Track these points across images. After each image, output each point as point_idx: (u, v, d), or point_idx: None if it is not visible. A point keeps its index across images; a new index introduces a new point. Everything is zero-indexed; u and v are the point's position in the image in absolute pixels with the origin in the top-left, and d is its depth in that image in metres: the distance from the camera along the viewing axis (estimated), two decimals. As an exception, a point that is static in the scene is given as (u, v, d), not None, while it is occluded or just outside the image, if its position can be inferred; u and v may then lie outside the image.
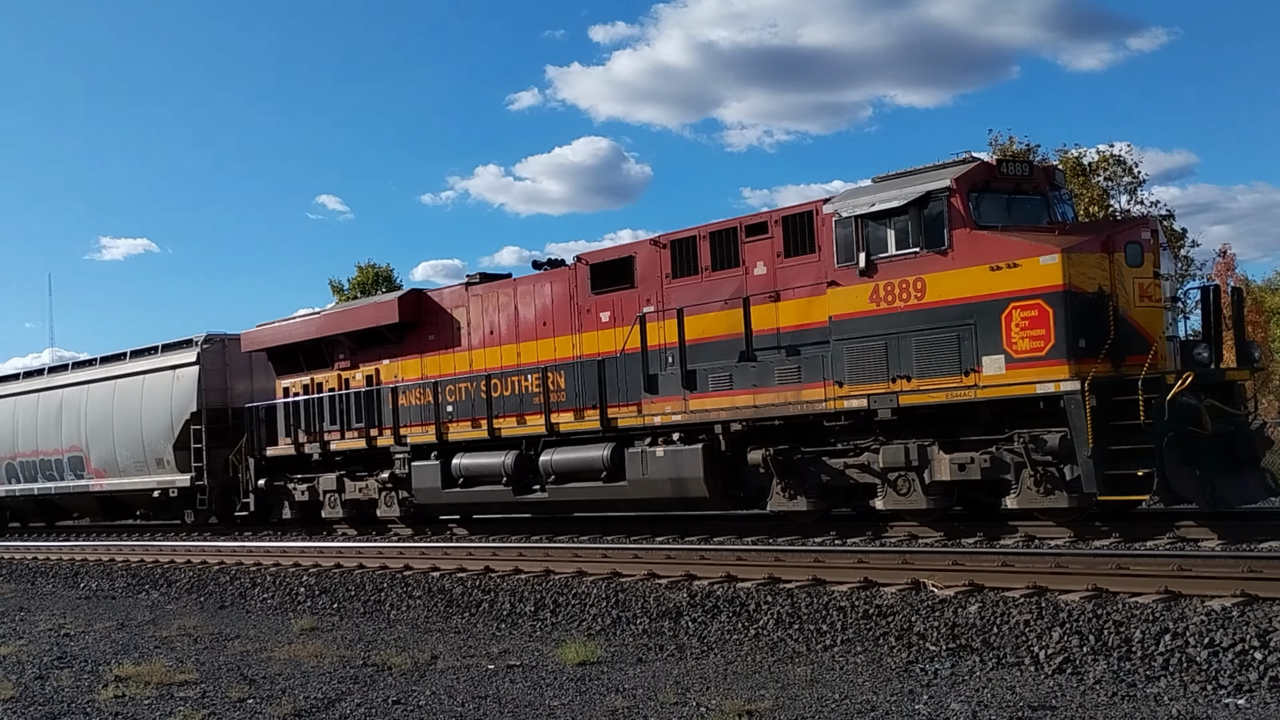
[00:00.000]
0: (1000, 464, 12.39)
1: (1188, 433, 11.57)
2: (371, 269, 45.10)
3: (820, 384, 13.60)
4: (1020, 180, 13.20)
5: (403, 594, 12.99)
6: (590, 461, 15.89)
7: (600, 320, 16.15)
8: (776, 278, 14.23)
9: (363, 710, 7.73)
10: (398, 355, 19.09)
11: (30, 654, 10.98)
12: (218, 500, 22.85)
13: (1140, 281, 12.30)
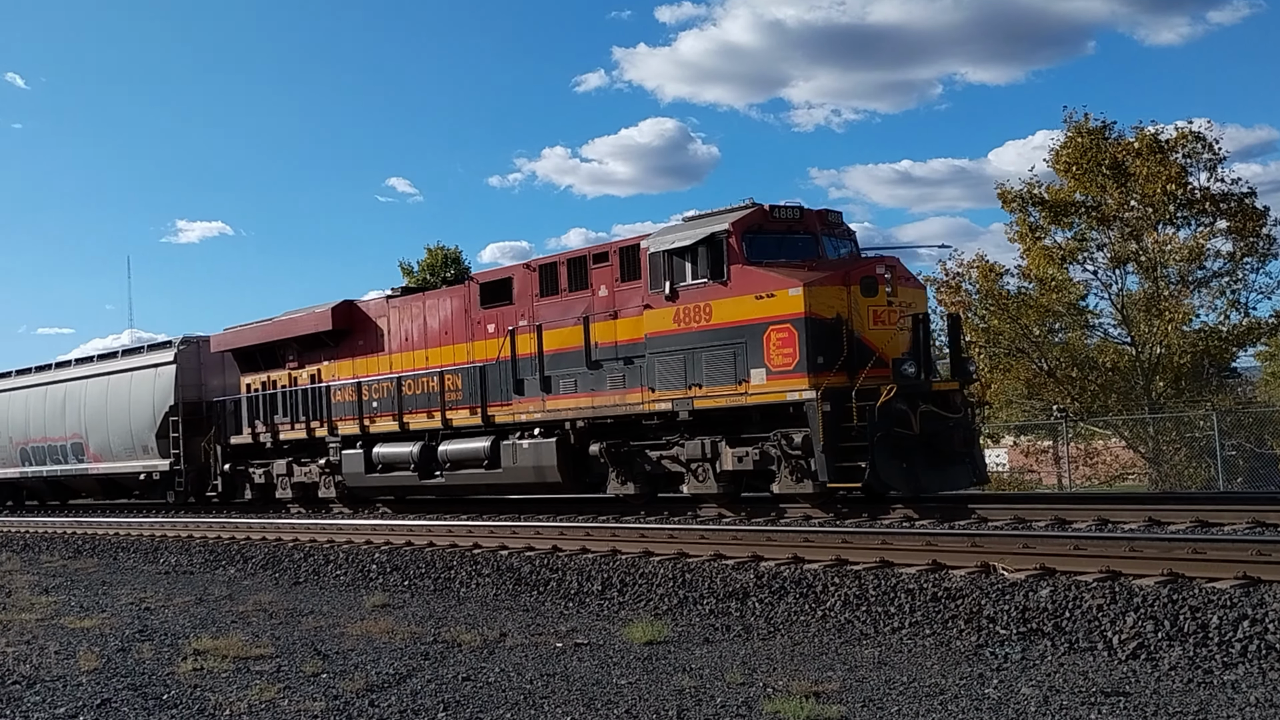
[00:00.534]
0: (767, 457, 14.77)
1: (895, 433, 13.82)
2: (440, 251, 45.44)
3: (639, 390, 16.05)
4: (791, 223, 15.54)
5: (472, 572, 13.15)
6: (475, 452, 18.44)
7: (487, 331, 18.61)
8: (615, 299, 16.54)
9: (434, 686, 7.84)
10: (334, 357, 21.77)
11: (113, 627, 11.29)
12: (194, 483, 25.48)
13: (874, 309, 14.55)
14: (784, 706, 6.69)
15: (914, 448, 14.12)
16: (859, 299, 14.43)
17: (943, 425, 14.54)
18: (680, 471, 15.97)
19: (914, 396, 14.24)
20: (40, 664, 9.29)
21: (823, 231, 15.75)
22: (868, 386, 13.76)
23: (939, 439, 14.47)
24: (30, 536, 22.53)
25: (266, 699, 7.57)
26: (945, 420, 14.60)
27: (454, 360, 19.10)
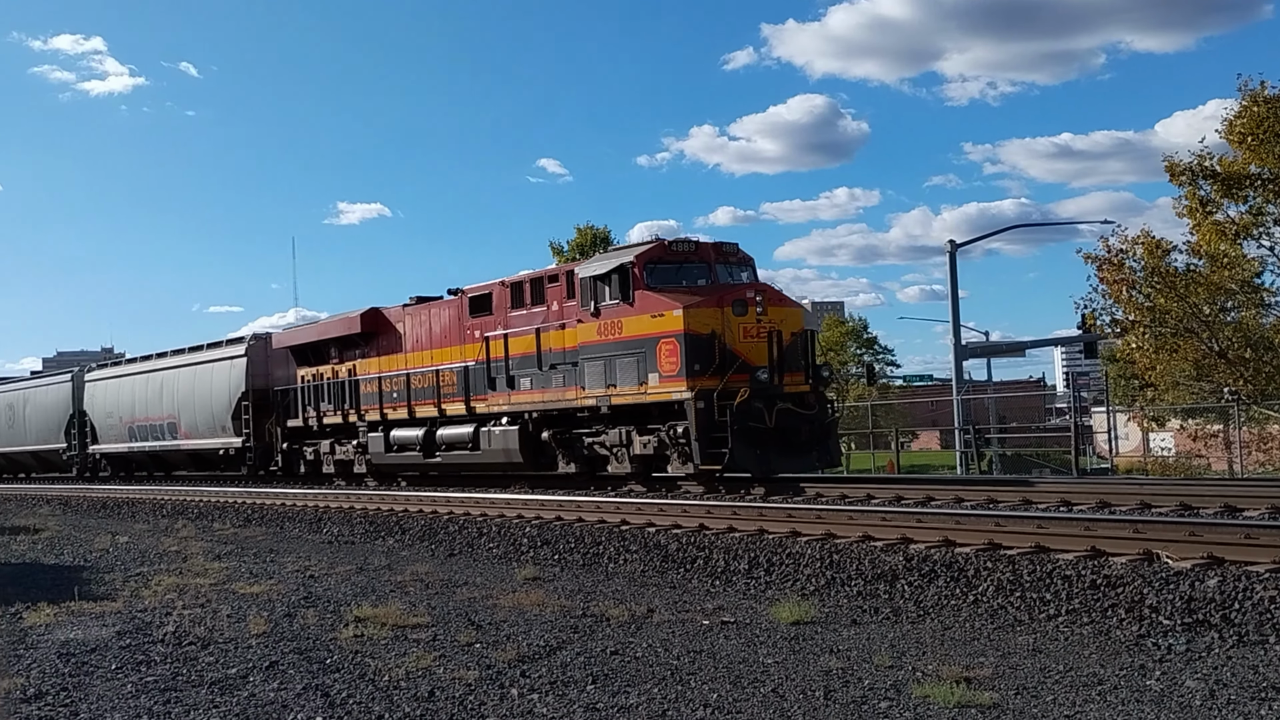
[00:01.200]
0: (663, 443, 17.94)
1: (750, 426, 16.68)
2: (590, 230, 45.92)
3: (575, 388, 19.23)
4: (687, 254, 18.71)
5: (620, 548, 13.31)
6: (461, 436, 22.09)
7: (474, 337, 21.89)
8: (562, 314, 19.69)
9: (582, 659, 7.99)
10: (365, 356, 25.64)
11: (280, 593, 11.83)
12: (260, 458, 29.54)
13: (744, 326, 17.43)
14: (934, 691, 6.60)
15: (768, 438, 16.96)
16: (731, 318, 17.41)
17: (795, 420, 17.38)
18: (605, 455, 19.39)
19: (771, 397, 17.13)
20: (214, 627, 9.81)
21: (717, 260, 18.84)
22: (732, 389, 16.84)
23: (790, 431, 17.26)
24: (205, 506, 23.74)
25: (423, 666, 7.83)
26: (798, 416, 17.48)
27: (449, 360, 22.62)
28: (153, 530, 20.99)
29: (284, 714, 6.73)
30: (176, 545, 17.55)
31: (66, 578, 14.02)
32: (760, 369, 17.21)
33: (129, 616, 10.59)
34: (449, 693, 7.09)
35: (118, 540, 18.87)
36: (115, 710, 6.97)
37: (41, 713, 6.98)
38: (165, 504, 25.05)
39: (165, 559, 15.73)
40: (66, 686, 7.67)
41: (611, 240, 45.75)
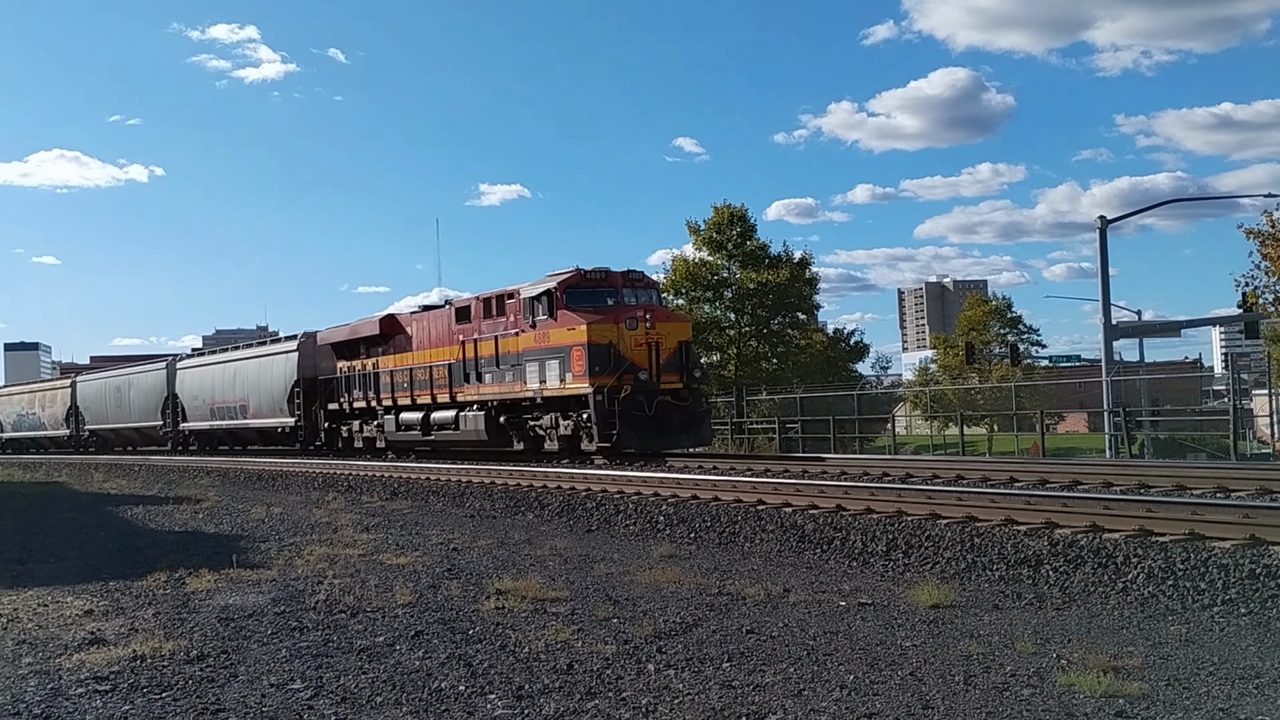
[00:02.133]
0: (578, 426, 23.03)
1: (632, 414, 21.84)
2: (726, 209, 45.80)
3: (520, 383, 24.37)
4: (599, 280, 23.61)
5: (756, 527, 13.29)
6: (447, 419, 27.08)
7: (458, 340, 26.79)
8: (516, 324, 24.65)
9: (718, 637, 8.02)
10: (384, 353, 30.79)
11: (424, 565, 12.18)
12: (309, 435, 35.11)
13: (635, 337, 22.39)
14: (1079, 679, 6.43)
15: (648, 423, 22.13)
16: (624, 332, 22.37)
17: (670, 409, 22.53)
18: (543, 434, 24.48)
19: (650, 392, 22.24)
20: (362, 596, 10.16)
21: (624, 285, 23.87)
22: (622, 386, 22.01)
23: (666, 418, 22.41)
24: (354, 479, 24.56)
25: (562, 640, 7.97)
26: (673, 406, 22.63)
27: (442, 358, 27.54)
28: (305, 502, 21.82)
29: (428, 682, 6.94)
30: (327, 516, 18.21)
31: (225, 546, 14.70)
32: (641, 371, 22.27)
33: (283, 584, 11.05)
34: (587, 666, 7.21)
35: (272, 511, 19.68)
36: (271, 674, 7.30)
37: (203, 673, 7.35)
38: (316, 477, 25.99)
39: (317, 530, 16.34)
40: (226, 649, 8.06)
41: (749, 218, 45.62)
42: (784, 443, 34.81)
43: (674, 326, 23.48)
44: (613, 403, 21.75)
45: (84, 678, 7.29)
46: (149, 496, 25.65)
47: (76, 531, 18.13)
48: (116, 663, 7.67)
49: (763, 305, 45.29)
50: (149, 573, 12.16)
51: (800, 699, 6.38)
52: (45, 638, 8.76)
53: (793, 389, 38.93)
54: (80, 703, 6.68)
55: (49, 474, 39.49)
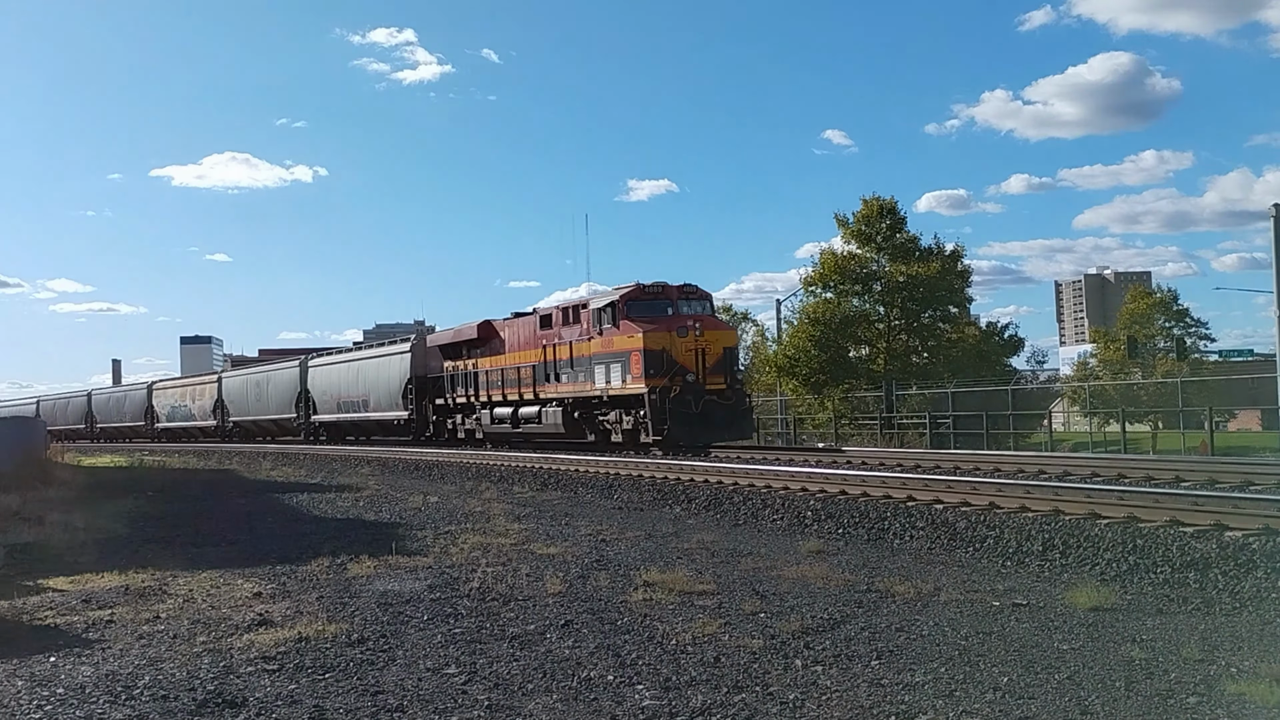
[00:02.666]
0: (637, 421, 25.99)
1: (681, 411, 24.58)
2: (876, 202, 45.10)
3: (590, 383, 27.45)
4: (656, 294, 26.69)
5: (905, 524, 13.09)
6: (532, 414, 30.42)
7: (542, 344, 30.06)
8: (587, 331, 27.83)
9: (866, 634, 7.94)
10: (481, 355, 34.41)
11: (574, 555, 12.37)
12: (420, 426, 38.92)
13: (685, 344, 25.25)
14: (1250, 689, 6.15)
15: (694, 419, 24.88)
16: (676, 339, 25.37)
17: (714, 407, 25.17)
18: (610, 429, 27.47)
19: (697, 392, 25.03)
20: (514, 585, 10.38)
21: (679, 297, 26.86)
22: (680, 387, 24.98)
23: (710, 415, 25.10)
24: (506, 470, 25.08)
25: (708, 633, 8.00)
26: (716, 404, 25.27)
27: (528, 360, 30.94)
28: (459, 492, 22.38)
29: (578, 671, 7.06)
30: (480, 506, 18.65)
31: (384, 533, 15.21)
32: (690, 373, 25.29)
33: (439, 571, 11.38)
34: (733, 660, 7.23)
35: (428, 500, 20.25)
36: (427, 658, 7.53)
37: (364, 655, 7.63)
38: (470, 467, 26.64)
39: (470, 519, 16.75)
40: (385, 633, 8.35)
41: (898, 211, 44.87)
42: (935, 438, 34.13)
43: (720, 334, 26.68)
44: (664, 401, 24.84)
45: (253, 657, 7.65)
46: (313, 484, 26.70)
47: (246, 517, 19.00)
48: (283, 644, 8.03)
49: (913, 299, 44.42)
50: (313, 558, 12.68)
51: (952, 699, 6.27)
52: (218, 618, 9.22)
53: (944, 384, 38.11)
54: (250, 680, 7.01)
55: (221, 462, 41.46)
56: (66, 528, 17.16)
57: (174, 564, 12.85)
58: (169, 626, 8.91)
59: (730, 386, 25.87)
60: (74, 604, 10.21)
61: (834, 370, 43.26)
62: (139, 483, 29.34)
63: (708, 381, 25.43)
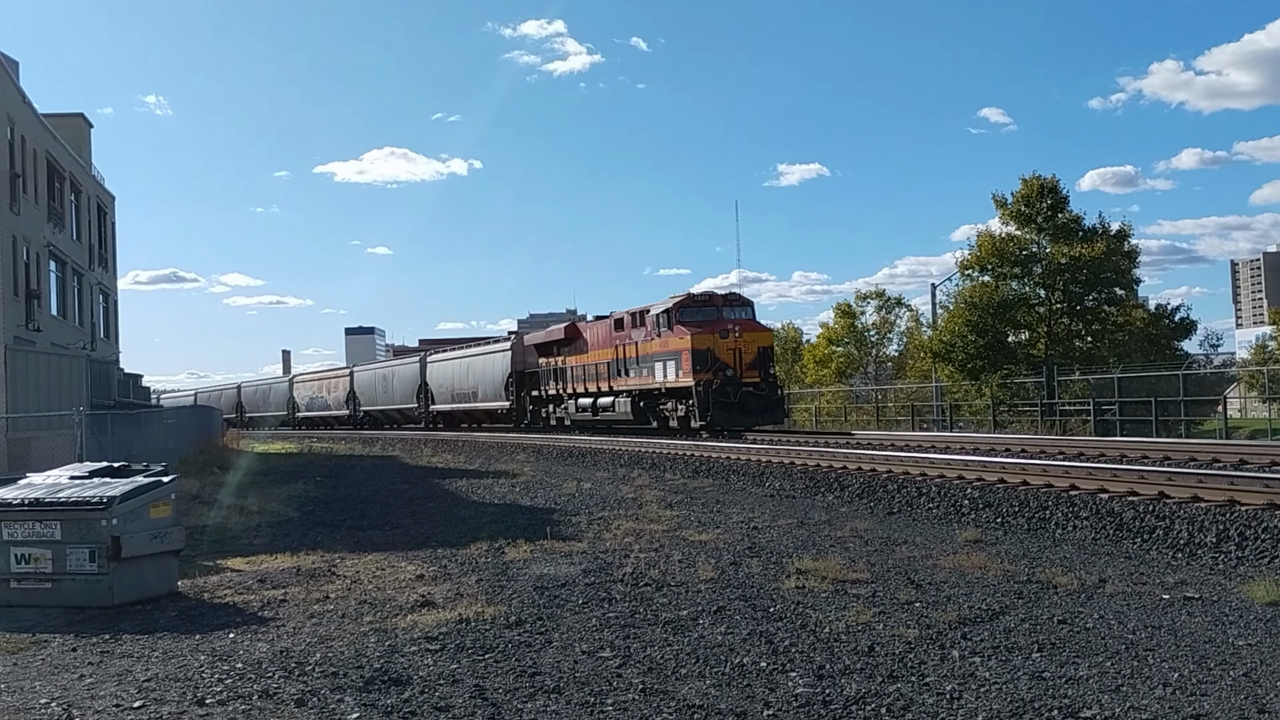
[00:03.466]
0: (688, 410, 31.08)
1: (722, 400, 29.47)
2: (1036, 181, 43.65)
3: (651, 377, 32.37)
4: (704, 302, 31.74)
5: (1068, 513, 12.69)
6: (608, 404, 35.64)
7: (615, 344, 35.02)
8: (649, 333, 32.58)
9: (1027, 626, 7.74)
10: (569, 353, 39.43)
11: (726, 542, 12.40)
12: (519, 415, 44.35)
13: (726, 344, 30.00)
14: None
15: (733, 407, 29.58)
16: (718, 340, 30.00)
17: (750, 398, 29.83)
18: (668, 415, 32.40)
19: (736, 385, 29.67)
20: (666, 570, 10.47)
21: (723, 304, 31.70)
22: (724, 380, 29.57)
23: (747, 404, 29.77)
24: (657, 457, 25.28)
25: (862, 621, 7.93)
26: (752, 395, 29.91)
27: (605, 357, 35.87)
28: (612, 478, 22.65)
29: (731, 657, 7.08)
30: (633, 492, 18.85)
31: (540, 518, 15.52)
32: (730, 369, 30.01)
33: (593, 556, 11.56)
34: (888, 649, 7.14)
35: (582, 486, 20.57)
36: (582, 641, 7.66)
37: (521, 638, 7.82)
38: (622, 454, 26.93)
39: (623, 505, 16.94)
40: (541, 616, 8.53)
41: (1060, 190, 43.38)
42: (1099, 425, 32.95)
43: (757, 335, 31.36)
44: (708, 392, 29.80)
45: (416, 637, 7.92)
46: (471, 470, 27.42)
47: (408, 502, 19.65)
48: (445, 624, 8.28)
49: (1076, 281, 42.87)
50: (472, 541, 13.04)
51: (1118, 695, 6.06)
52: (383, 599, 9.57)
53: (1109, 369, 36.72)
54: (413, 660, 7.26)
55: (384, 449, 42.93)
56: (242, 511, 18.06)
57: (341, 546, 13.40)
58: (338, 606, 9.29)
59: (764, 380, 30.67)
60: (250, 584, 10.74)
61: (992, 355, 42.10)
62: (307, 468, 30.63)
63: (745, 375, 30.28)
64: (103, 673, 7.23)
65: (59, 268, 35.33)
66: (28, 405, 24.89)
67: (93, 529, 9.68)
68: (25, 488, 10.49)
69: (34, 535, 9.83)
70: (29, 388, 26.05)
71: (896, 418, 43.80)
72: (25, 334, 29.29)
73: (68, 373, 28.59)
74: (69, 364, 29.40)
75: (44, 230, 32.90)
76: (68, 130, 39.04)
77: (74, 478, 10.73)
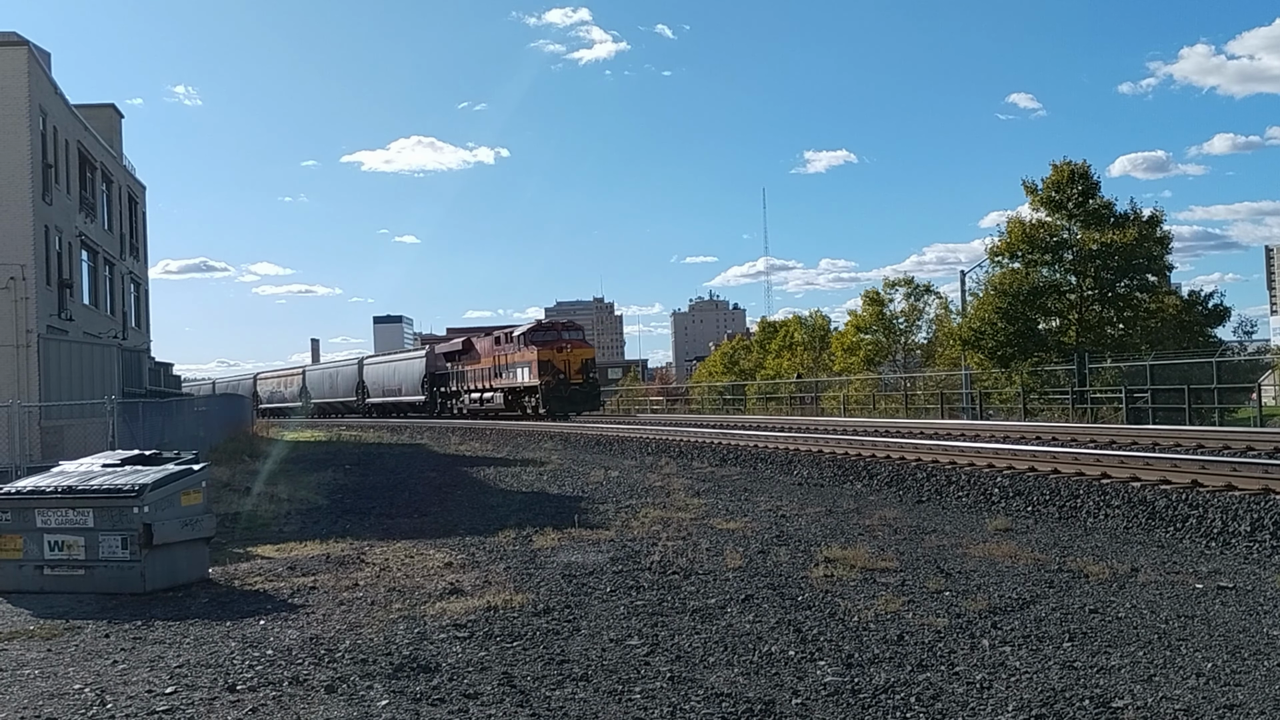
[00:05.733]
0: (538, 402, 47.50)
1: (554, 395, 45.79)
2: (1066, 166, 43.22)
3: (515, 379, 49.54)
4: (549, 328, 48.78)
5: (1100, 502, 12.59)
6: (488, 399, 52.10)
7: (494, 354, 50.92)
8: (518, 348, 48.24)
9: (1058, 615, 7.68)
10: (465, 361, 54.39)
11: (753, 530, 12.37)
12: (431, 407, 57.85)
13: (562, 357, 46.01)
14: None
15: (564, 399, 45.40)
16: (556, 354, 45.36)
17: (576, 393, 45.71)
18: (526, 405, 47.50)
19: (566, 384, 45.34)
20: (694, 559, 10.46)
21: (562, 329, 48.20)
22: (556, 381, 45.25)
23: (573, 398, 45.69)
24: (685, 445, 25.26)
25: (891, 610, 7.89)
26: (578, 390, 45.80)
27: (487, 364, 50.51)
28: (639, 466, 22.66)
29: (759, 645, 7.06)
30: (660, 481, 18.84)
31: (567, 506, 15.54)
32: (562, 374, 44.73)
33: (620, 544, 11.56)
34: (918, 638, 7.10)
35: (610, 474, 20.59)
36: (610, 629, 7.66)
37: (549, 625, 7.82)
38: (650, 443, 26.93)
39: (650, 493, 16.94)
40: (569, 604, 8.54)
41: (1091, 176, 42.98)
42: (1131, 413, 32.66)
43: (582, 351, 47.02)
44: (548, 390, 45.12)
45: (445, 624, 7.94)
46: (499, 459, 27.49)
47: (436, 490, 19.72)
48: (473, 612, 8.31)
49: (1107, 267, 42.44)
50: (500, 529, 13.07)
51: (1150, 684, 6.01)
52: (411, 586, 9.60)
53: (1141, 356, 36.39)
54: (443, 647, 7.28)
55: (412, 437, 43.16)
56: (272, 499, 18.17)
57: (370, 534, 13.47)
58: (367, 594, 9.33)
59: (586, 381, 46.69)
60: (280, 571, 10.81)
61: (1022, 343, 41.77)
62: (336, 456, 30.80)
63: (573, 378, 45.94)
64: (135, 658, 7.29)
65: (91, 257, 35.64)
66: (60, 394, 25.16)
67: (125, 516, 9.77)
68: (59, 475, 10.60)
69: (67, 522, 9.92)
70: (62, 377, 26.32)
71: (925, 405, 43.58)
72: (58, 323, 29.57)
73: (100, 361, 28.87)
74: (101, 353, 29.69)
75: (76, 220, 33.19)
76: (99, 121, 39.31)
77: (106, 466, 10.82)
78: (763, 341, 78.13)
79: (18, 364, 26.21)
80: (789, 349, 69.24)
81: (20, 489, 10.33)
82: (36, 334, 26.68)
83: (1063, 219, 43.70)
